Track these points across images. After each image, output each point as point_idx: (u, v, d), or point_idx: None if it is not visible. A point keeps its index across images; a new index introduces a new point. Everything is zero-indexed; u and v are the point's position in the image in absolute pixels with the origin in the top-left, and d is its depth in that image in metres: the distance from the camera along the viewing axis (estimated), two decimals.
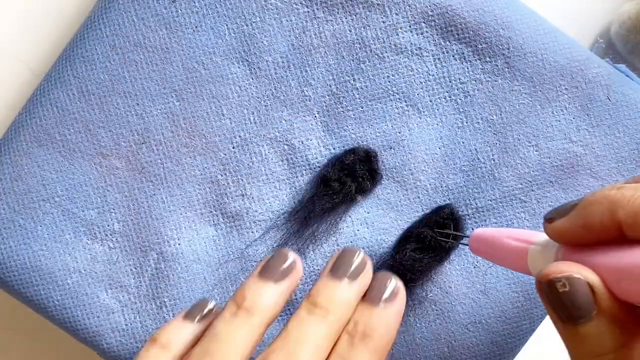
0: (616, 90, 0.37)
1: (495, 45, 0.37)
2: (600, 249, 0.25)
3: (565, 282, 0.25)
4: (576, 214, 0.26)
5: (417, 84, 0.37)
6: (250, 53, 0.37)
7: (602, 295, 0.25)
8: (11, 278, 0.37)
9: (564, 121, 0.37)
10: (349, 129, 0.38)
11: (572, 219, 0.26)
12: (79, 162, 0.37)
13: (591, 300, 0.25)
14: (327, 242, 0.38)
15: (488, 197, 0.38)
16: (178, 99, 0.37)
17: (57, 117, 0.37)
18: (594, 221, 0.25)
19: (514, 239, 0.30)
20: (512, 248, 0.30)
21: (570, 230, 0.26)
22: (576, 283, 0.25)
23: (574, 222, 0.26)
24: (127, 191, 0.37)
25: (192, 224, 0.37)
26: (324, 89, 0.37)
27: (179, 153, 0.37)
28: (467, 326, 0.38)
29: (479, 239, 0.32)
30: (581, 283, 0.25)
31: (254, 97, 0.37)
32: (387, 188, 0.38)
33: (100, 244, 0.37)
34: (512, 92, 0.37)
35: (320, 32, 0.37)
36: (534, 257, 0.29)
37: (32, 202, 0.37)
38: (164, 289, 0.38)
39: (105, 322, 0.37)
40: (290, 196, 0.38)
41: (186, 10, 0.37)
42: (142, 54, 0.37)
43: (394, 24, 0.37)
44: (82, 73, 0.37)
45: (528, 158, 0.38)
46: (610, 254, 0.25)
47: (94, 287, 0.37)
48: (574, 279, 0.25)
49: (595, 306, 0.25)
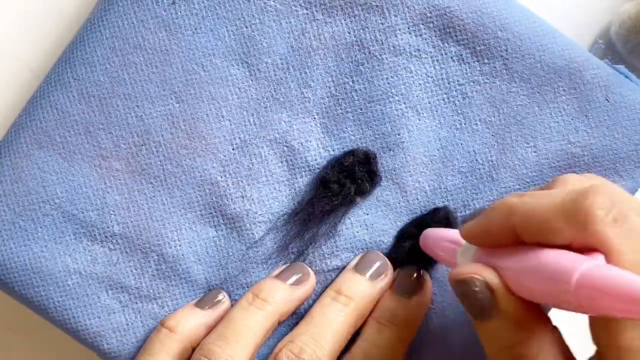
0: (615, 92, 0.37)
1: (494, 46, 0.37)
2: (506, 252, 0.27)
3: (469, 283, 0.27)
4: (480, 217, 0.28)
5: (416, 86, 0.37)
6: (249, 55, 0.37)
7: (501, 295, 0.27)
8: (11, 279, 0.37)
9: (562, 122, 0.38)
10: (348, 131, 0.38)
11: (477, 222, 0.29)
12: (79, 164, 0.37)
13: (491, 300, 0.27)
14: (326, 243, 0.38)
15: (486, 198, 0.38)
16: (178, 101, 0.37)
17: (57, 119, 0.37)
18: (493, 225, 0.28)
19: (448, 240, 0.33)
20: (445, 249, 0.33)
21: (474, 232, 0.29)
22: (477, 284, 0.27)
23: (478, 225, 0.28)
24: (127, 193, 0.37)
25: (192, 226, 0.38)
26: (323, 90, 0.37)
27: (179, 155, 0.37)
28: (465, 324, 0.38)
29: (424, 238, 0.35)
30: (482, 284, 0.27)
31: (254, 99, 0.37)
32: (386, 190, 0.38)
33: (100, 246, 0.38)
34: (510, 94, 0.37)
35: (319, 34, 0.37)
36: (460, 256, 0.31)
37: (32, 204, 0.37)
38: (165, 290, 0.38)
39: (106, 323, 0.38)
40: (290, 198, 0.38)
41: (185, 12, 0.37)
42: (142, 56, 0.37)
43: (393, 25, 0.37)
44: (82, 75, 0.37)
45: (526, 159, 0.38)
46: (511, 257, 0.27)
47: (95, 288, 0.38)
48: (475, 280, 0.27)
49: (495, 306, 0.27)
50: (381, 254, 0.37)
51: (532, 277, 0.25)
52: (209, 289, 0.38)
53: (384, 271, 0.37)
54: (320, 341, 0.35)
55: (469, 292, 0.27)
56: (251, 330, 0.35)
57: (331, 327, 0.35)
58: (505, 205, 0.27)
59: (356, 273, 0.37)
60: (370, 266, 0.37)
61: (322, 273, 0.38)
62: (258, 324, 0.35)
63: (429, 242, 0.35)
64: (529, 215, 0.26)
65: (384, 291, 0.37)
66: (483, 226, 0.28)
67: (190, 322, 0.36)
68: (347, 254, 0.38)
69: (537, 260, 0.25)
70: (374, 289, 0.37)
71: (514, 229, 0.27)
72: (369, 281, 0.37)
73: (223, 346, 0.34)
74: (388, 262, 0.37)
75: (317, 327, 0.35)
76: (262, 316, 0.35)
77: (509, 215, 0.27)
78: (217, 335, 0.35)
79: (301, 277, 0.37)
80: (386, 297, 0.37)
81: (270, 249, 0.38)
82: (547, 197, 0.26)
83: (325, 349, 0.34)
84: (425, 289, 0.37)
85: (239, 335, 0.35)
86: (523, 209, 0.26)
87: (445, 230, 0.34)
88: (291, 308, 0.37)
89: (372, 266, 0.37)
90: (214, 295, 0.37)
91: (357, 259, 0.37)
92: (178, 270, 0.38)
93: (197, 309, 0.37)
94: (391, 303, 0.36)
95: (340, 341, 0.36)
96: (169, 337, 0.36)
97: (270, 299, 0.36)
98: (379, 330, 0.36)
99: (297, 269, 0.37)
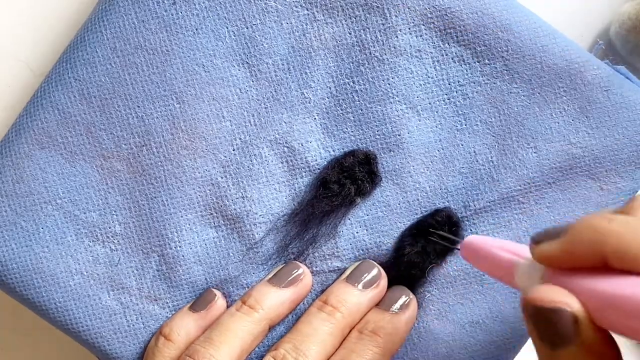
0: (615, 92, 0.37)
1: (494, 47, 0.37)
2: (587, 274, 0.25)
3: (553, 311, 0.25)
4: (563, 240, 0.26)
5: (416, 87, 0.37)
6: (250, 55, 0.37)
7: (585, 326, 0.25)
8: (13, 280, 0.37)
9: (562, 123, 0.38)
10: (349, 131, 0.38)
11: (558, 245, 0.26)
12: (81, 165, 0.37)
13: (573, 330, 0.25)
14: (326, 244, 0.38)
15: (487, 198, 0.38)
16: (178, 102, 0.37)
17: (58, 119, 0.37)
18: (580, 250, 0.25)
19: (504, 250, 0.30)
20: (501, 259, 0.30)
21: (555, 255, 0.26)
22: (563, 313, 0.25)
23: (560, 248, 0.26)
24: (128, 193, 0.37)
25: (192, 226, 0.38)
26: (324, 91, 0.37)
27: (180, 155, 0.37)
28: (465, 326, 0.38)
29: (470, 246, 0.32)
30: (567, 315, 0.25)
31: (254, 100, 0.37)
32: (386, 190, 0.38)
33: (102, 246, 0.38)
34: (510, 95, 0.37)
35: (320, 34, 0.37)
36: (521, 272, 0.28)
37: (33, 205, 0.37)
38: (166, 291, 0.38)
39: (107, 324, 0.38)
40: (290, 198, 0.38)
41: (186, 13, 0.37)
42: (143, 56, 0.37)
43: (393, 26, 0.37)
44: (83, 75, 0.37)
45: (527, 160, 0.38)
46: (594, 281, 0.25)
47: (96, 288, 0.38)
48: (561, 310, 0.25)
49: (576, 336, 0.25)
50: (375, 264, 0.37)
51: (624, 309, 0.23)
52: None
53: (376, 281, 0.37)
54: (303, 350, 0.35)
55: (549, 320, 0.25)
56: (237, 336, 0.36)
57: (316, 337, 0.36)
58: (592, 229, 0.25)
59: (348, 283, 0.37)
60: (362, 276, 0.37)
61: (323, 274, 0.38)
62: (244, 330, 0.36)
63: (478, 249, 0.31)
64: (626, 243, 0.24)
65: (376, 301, 0.37)
66: (568, 250, 0.26)
67: (184, 328, 0.37)
68: (347, 254, 0.38)
69: (632, 290, 0.23)
70: (364, 299, 0.37)
71: (603, 255, 0.25)
72: (359, 291, 0.37)
73: (207, 347, 0.35)
74: (382, 272, 0.37)
75: (302, 335, 0.36)
76: (249, 322, 0.36)
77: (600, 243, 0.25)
78: (204, 338, 0.36)
79: (295, 277, 0.37)
80: (373, 309, 0.37)
81: (270, 249, 0.38)
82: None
83: (309, 358, 0.35)
84: (411, 307, 0.37)
85: (224, 338, 0.35)
86: (617, 235, 0.24)
87: (499, 240, 0.31)
88: (283, 311, 0.37)
89: (364, 276, 0.37)
90: (207, 296, 0.38)
91: (351, 269, 0.38)
92: (178, 271, 0.38)
93: (191, 313, 0.37)
94: (376, 315, 0.37)
95: (326, 350, 0.36)
96: (166, 345, 0.36)
97: (258, 306, 0.36)
98: (359, 338, 0.36)
99: (289, 270, 0.37)
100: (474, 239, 0.32)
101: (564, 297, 0.25)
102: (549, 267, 0.27)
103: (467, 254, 0.32)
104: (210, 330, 0.36)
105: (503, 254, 0.30)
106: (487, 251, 0.31)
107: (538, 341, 0.26)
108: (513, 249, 0.29)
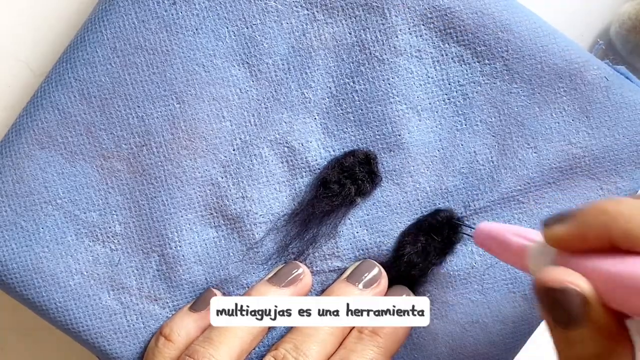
0: (615, 92, 0.37)
1: (494, 47, 0.37)
2: (596, 256, 0.26)
3: (563, 292, 0.26)
4: (573, 223, 0.27)
5: (417, 87, 0.37)
6: (250, 55, 0.37)
7: (595, 306, 0.25)
8: (13, 280, 0.37)
9: (562, 123, 0.38)
10: (349, 131, 0.38)
11: (568, 228, 0.27)
12: (81, 165, 0.37)
13: (583, 310, 0.25)
14: (326, 244, 0.38)
15: (487, 198, 0.38)
16: (178, 102, 0.37)
17: (58, 119, 0.37)
18: (589, 232, 0.26)
19: (517, 234, 0.30)
20: (513, 243, 0.30)
21: (566, 238, 0.27)
22: (572, 293, 0.26)
23: (570, 231, 0.27)
24: (129, 193, 0.37)
25: (193, 226, 0.38)
26: (324, 91, 0.37)
27: (180, 155, 0.37)
28: (465, 326, 0.38)
29: (483, 231, 0.33)
30: (576, 294, 0.26)
31: (254, 100, 0.37)
32: (386, 190, 0.38)
33: (102, 246, 0.38)
34: (510, 95, 0.37)
35: (320, 34, 0.37)
36: (533, 255, 0.29)
37: (34, 205, 0.37)
38: (166, 290, 0.38)
39: (108, 324, 0.38)
40: (290, 198, 0.38)
41: (186, 13, 0.37)
42: (143, 56, 0.37)
43: (393, 26, 0.37)
44: (83, 75, 0.37)
45: (527, 160, 0.38)
46: (604, 262, 0.25)
47: (96, 288, 0.38)
48: (570, 290, 0.26)
49: (586, 316, 0.26)
50: (376, 263, 0.38)
51: (632, 287, 0.24)
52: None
53: (377, 280, 0.37)
54: (304, 350, 0.35)
55: (559, 300, 0.26)
56: (236, 335, 0.36)
57: (316, 337, 0.36)
58: (601, 211, 0.26)
59: (348, 283, 0.37)
60: (363, 275, 0.37)
61: (323, 273, 0.38)
62: (244, 330, 0.36)
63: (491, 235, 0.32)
64: (633, 224, 0.25)
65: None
66: (577, 232, 0.27)
67: (184, 328, 0.37)
68: (347, 254, 0.38)
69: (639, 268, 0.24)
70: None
71: (611, 236, 0.25)
72: (360, 291, 0.37)
73: (207, 347, 0.35)
74: (382, 271, 0.37)
75: (303, 335, 0.36)
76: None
77: (608, 225, 0.25)
78: (204, 338, 0.36)
79: (295, 277, 0.37)
80: None
81: (270, 249, 0.38)
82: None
83: (309, 357, 0.35)
84: None
85: (224, 338, 0.36)
86: (625, 217, 0.25)
87: (512, 226, 0.32)
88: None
89: (365, 276, 0.37)
90: (207, 296, 0.38)
91: (352, 269, 0.38)
92: (179, 271, 0.38)
93: (191, 313, 0.37)
94: None
95: (326, 350, 0.36)
96: (166, 346, 0.37)
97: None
98: (359, 338, 0.36)
99: (289, 269, 0.37)
100: (487, 225, 0.33)
101: (573, 277, 0.26)
102: (560, 250, 0.28)
103: (480, 240, 0.33)
104: (210, 330, 0.36)
105: (515, 238, 0.30)
106: (500, 236, 0.31)
107: (551, 322, 0.27)
108: (525, 233, 0.30)
